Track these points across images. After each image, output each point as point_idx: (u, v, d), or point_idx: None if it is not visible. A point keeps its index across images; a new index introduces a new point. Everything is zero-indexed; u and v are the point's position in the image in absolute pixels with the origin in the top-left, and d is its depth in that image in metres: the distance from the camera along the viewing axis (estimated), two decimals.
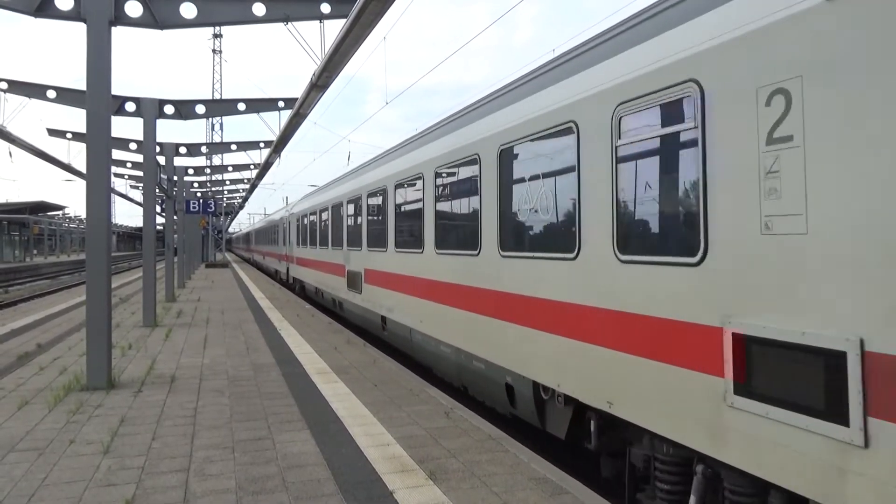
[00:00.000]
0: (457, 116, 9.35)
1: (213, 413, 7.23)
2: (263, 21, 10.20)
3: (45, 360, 10.47)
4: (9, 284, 39.05)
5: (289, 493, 4.88)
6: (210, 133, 72.25)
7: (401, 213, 11.34)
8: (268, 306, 19.32)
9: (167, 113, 15.79)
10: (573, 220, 5.78)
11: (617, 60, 5.32)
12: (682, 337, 4.40)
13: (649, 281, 4.78)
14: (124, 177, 32.15)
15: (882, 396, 3.11)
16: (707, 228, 4.21)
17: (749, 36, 3.92)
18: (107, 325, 8.64)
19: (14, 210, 63.13)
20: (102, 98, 8.69)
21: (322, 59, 10.87)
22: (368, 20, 8.49)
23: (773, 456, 3.68)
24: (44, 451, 5.93)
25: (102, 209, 8.66)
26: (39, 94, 15.16)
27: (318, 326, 14.74)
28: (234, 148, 24.38)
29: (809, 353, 3.44)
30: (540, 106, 6.46)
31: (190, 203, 27.53)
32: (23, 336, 13.39)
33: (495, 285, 7.36)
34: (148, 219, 16.48)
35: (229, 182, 40.51)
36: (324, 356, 10.80)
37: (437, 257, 9.34)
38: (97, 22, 8.65)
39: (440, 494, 4.86)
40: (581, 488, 5.04)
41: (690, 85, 4.39)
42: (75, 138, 21.56)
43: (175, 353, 11.15)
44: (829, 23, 3.38)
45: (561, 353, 5.91)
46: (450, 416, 7.08)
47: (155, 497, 4.82)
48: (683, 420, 4.37)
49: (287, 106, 16.65)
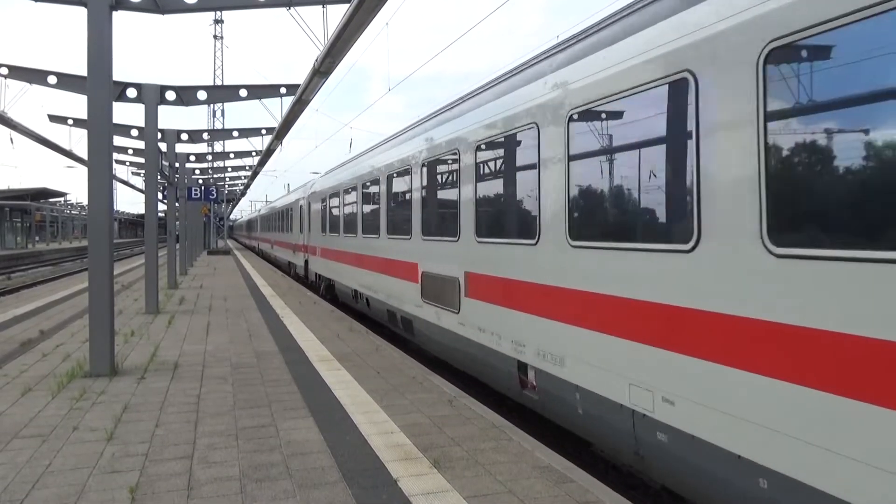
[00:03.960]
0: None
1: (217, 400, 7.23)
2: (266, 6, 10.11)
3: (47, 347, 10.47)
4: (11, 271, 39.12)
5: (293, 481, 4.87)
6: (212, 120, 72.09)
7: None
8: (270, 294, 19.31)
9: (169, 99, 15.69)
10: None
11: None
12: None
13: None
14: (126, 163, 32.09)
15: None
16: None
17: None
18: (109, 311, 8.62)
19: (16, 197, 63.09)
20: (104, 84, 8.62)
21: (325, 45, 10.78)
22: (372, 5, 8.40)
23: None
24: (47, 437, 5.92)
25: (104, 196, 8.62)
26: (40, 79, 15.06)
27: (320, 314, 14.74)
28: (236, 135, 24.29)
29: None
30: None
31: (192, 190, 27.51)
32: (25, 323, 13.39)
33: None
34: (150, 206, 16.44)
35: (231, 169, 40.40)
36: (326, 343, 10.80)
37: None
38: (98, 6, 8.56)
39: (445, 482, 4.85)
40: (586, 477, 5.03)
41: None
42: (76, 124, 21.48)
43: (178, 340, 11.14)
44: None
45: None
46: (453, 404, 7.07)
47: (159, 484, 4.81)
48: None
49: (289, 92, 16.54)
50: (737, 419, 3.98)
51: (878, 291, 3.15)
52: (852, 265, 3.25)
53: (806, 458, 3.51)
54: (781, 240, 3.67)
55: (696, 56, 4.34)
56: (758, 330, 3.82)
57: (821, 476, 3.43)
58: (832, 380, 3.36)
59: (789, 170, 3.70)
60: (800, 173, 3.64)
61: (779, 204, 3.72)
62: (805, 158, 3.62)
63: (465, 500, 4.54)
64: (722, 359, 4.11)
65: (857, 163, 3.34)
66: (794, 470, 3.59)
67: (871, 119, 3.26)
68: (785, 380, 3.65)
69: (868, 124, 3.27)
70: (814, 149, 3.56)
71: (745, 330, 3.94)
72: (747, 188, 3.91)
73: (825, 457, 3.40)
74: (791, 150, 3.69)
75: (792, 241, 3.61)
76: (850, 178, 3.38)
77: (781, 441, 3.67)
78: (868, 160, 3.28)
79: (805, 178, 3.60)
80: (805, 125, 3.63)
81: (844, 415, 3.29)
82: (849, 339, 3.28)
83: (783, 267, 3.65)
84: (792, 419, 3.59)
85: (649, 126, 4.91)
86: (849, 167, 3.39)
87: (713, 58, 4.20)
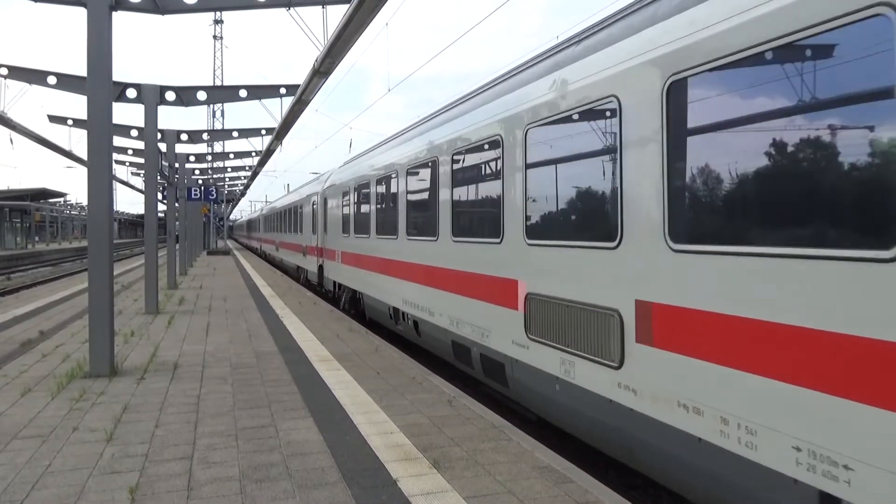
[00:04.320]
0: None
1: (217, 400, 7.23)
2: (265, 6, 10.12)
3: (47, 348, 10.47)
4: (11, 271, 39.12)
5: (293, 481, 4.87)
6: (211, 120, 72.09)
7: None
8: (270, 294, 19.32)
9: (168, 99, 15.70)
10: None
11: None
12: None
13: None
14: (125, 164, 32.11)
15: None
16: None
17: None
18: (109, 312, 8.62)
19: (15, 197, 63.11)
20: (103, 84, 8.63)
21: (325, 45, 10.79)
22: (372, 5, 8.41)
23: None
24: (47, 438, 5.92)
25: (104, 196, 8.62)
26: (40, 80, 15.07)
27: (320, 314, 14.73)
28: (236, 135, 24.31)
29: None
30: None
31: (191, 190, 27.49)
32: (25, 323, 13.39)
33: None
34: (150, 206, 16.45)
35: (231, 169, 40.42)
36: (326, 344, 10.80)
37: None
38: (98, 6, 8.56)
39: (444, 483, 4.85)
40: (585, 477, 5.03)
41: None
42: (76, 125, 21.50)
43: (178, 341, 11.14)
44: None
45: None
46: (453, 404, 7.07)
47: (159, 485, 4.81)
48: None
49: (289, 93, 16.55)
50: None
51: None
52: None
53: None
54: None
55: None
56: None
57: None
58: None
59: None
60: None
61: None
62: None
63: (465, 500, 4.54)
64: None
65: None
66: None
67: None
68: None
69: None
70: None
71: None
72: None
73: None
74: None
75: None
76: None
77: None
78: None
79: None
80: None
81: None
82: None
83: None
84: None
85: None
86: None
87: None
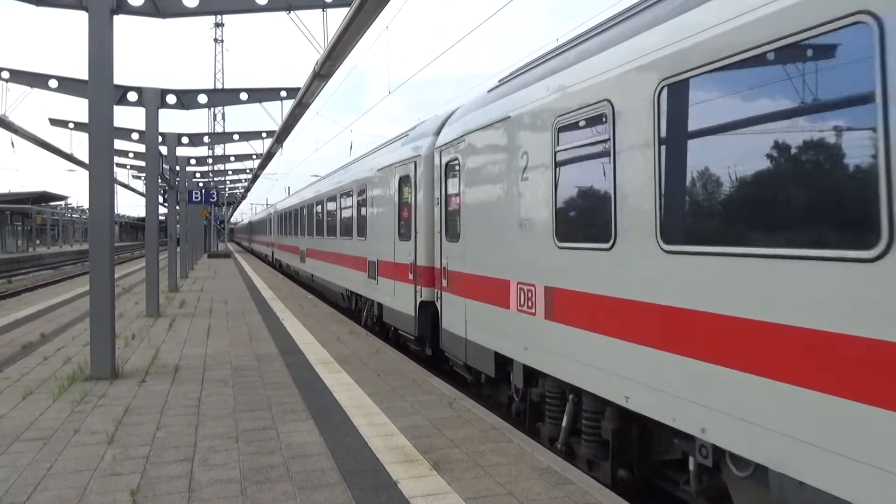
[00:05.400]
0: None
1: (217, 403, 7.24)
2: (266, 10, 10.15)
3: (48, 350, 10.49)
4: (12, 275, 39.15)
5: (293, 483, 4.88)
6: (212, 123, 72.16)
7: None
8: (270, 297, 19.33)
9: (169, 102, 15.72)
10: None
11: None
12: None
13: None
14: (126, 167, 32.14)
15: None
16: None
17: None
18: (110, 315, 8.64)
19: (16, 200, 63.13)
20: (104, 88, 8.65)
21: (325, 48, 10.81)
22: (372, 8, 8.43)
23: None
24: (48, 440, 5.94)
25: (105, 199, 8.64)
26: (41, 83, 15.11)
27: (320, 317, 14.75)
28: (237, 138, 24.32)
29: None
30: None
31: (192, 193, 27.55)
32: (26, 326, 13.41)
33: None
34: (151, 209, 16.46)
35: (231, 172, 40.47)
36: (326, 346, 10.81)
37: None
38: (99, 10, 8.60)
39: (444, 485, 4.86)
40: (585, 479, 5.04)
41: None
42: (77, 128, 21.52)
43: (178, 343, 11.16)
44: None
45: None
46: (453, 406, 7.08)
47: (160, 487, 4.83)
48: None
49: (289, 95, 16.58)
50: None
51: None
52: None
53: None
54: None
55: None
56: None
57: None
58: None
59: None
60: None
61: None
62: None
63: (465, 501, 4.55)
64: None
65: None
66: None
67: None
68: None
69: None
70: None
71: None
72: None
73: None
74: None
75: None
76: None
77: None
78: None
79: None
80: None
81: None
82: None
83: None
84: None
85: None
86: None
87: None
